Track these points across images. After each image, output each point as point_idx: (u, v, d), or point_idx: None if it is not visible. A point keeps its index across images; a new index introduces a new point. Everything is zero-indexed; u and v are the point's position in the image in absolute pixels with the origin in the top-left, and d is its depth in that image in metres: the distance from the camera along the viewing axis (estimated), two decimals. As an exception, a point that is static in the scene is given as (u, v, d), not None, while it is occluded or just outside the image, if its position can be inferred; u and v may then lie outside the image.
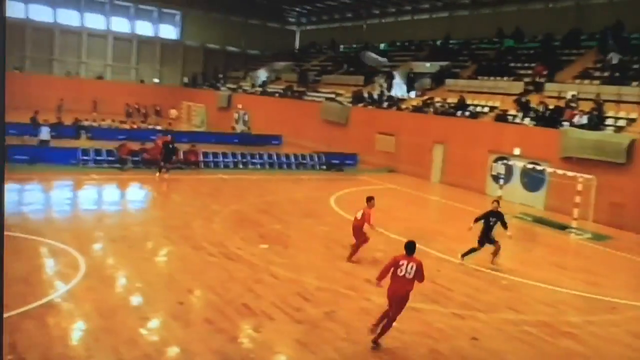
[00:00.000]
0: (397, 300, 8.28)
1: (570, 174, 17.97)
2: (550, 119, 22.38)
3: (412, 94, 32.14)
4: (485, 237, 13.00)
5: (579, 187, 17.38)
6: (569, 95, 23.08)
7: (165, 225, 14.59)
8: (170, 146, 21.43)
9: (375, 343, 8.32)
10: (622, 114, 21.16)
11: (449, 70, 31.78)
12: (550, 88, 24.72)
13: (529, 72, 27.00)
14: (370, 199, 12.69)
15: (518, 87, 26.15)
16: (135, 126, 33.77)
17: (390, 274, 8.36)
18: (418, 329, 9.17)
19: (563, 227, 17.53)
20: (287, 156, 27.23)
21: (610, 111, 21.53)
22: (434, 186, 25.41)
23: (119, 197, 18.76)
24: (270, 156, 26.73)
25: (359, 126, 30.99)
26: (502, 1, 34.47)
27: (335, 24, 50.27)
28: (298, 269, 11.63)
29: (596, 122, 20.93)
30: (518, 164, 20.52)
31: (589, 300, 11.46)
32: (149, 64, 51.21)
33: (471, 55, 32.91)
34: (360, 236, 12.64)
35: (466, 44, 34.76)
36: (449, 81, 30.08)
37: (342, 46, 46.87)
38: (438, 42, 37.11)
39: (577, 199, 17.28)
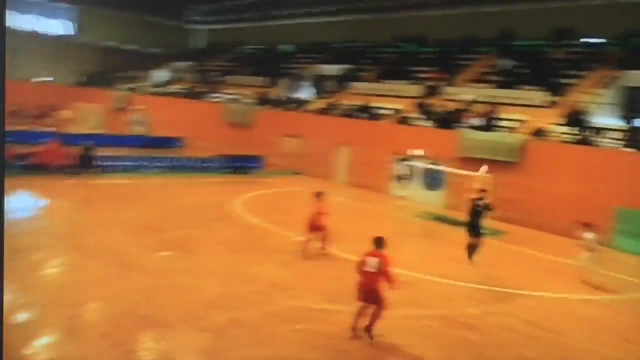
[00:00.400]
0: (368, 295, 8.90)
1: (468, 173, 19.01)
2: (449, 121, 23.61)
3: (318, 96, 32.60)
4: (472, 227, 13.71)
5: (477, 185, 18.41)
6: (466, 98, 24.48)
7: (57, 234, 13.73)
8: (88, 153, 20.43)
9: (370, 332, 8.90)
10: (513, 116, 22.76)
11: (353, 73, 32.59)
12: (449, 91, 26.09)
13: (430, 75, 28.31)
14: (320, 194, 14.08)
15: (419, 90, 27.34)
16: (23, 127, 31.49)
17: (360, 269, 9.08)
18: (324, 330, 9.29)
19: (462, 224, 18.50)
20: (190, 159, 26.60)
21: (503, 113, 23.09)
22: (340, 187, 25.92)
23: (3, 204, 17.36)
24: (171, 159, 25.99)
25: (265, 128, 30.95)
26: (404, 6, 35.89)
27: (240, 24, 49.86)
28: (201, 276, 11.39)
29: (490, 123, 22.38)
30: (419, 165, 21.43)
31: (486, 292, 12.20)
32: (41, 61, 47.95)
33: (375, 59, 33.97)
34: (322, 226, 13.79)
35: (370, 48, 35.82)
36: (353, 84, 30.84)
37: (247, 46, 46.59)
38: (343, 45, 37.93)
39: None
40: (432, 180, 22.14)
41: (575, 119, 20.55)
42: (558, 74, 24.11)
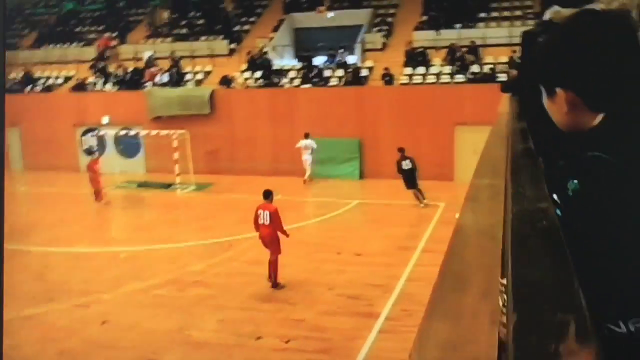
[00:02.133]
0: (269, 244, 9.81)
1: (163, 132, 18.90)
2: (132, 81, 22.87)
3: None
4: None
5: (175, 143, 18.47)
6: (145, 55, 23.93)
7: None
8: None
9: (275, 285, 9.81)
10: (198, 68, 23.26)
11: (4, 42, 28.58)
12: (125, 50, 25.11)
13: (99, 36, 26.69)
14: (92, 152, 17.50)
15: (91, 52, 25.61)
16: None
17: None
18: (38, 336, 8.36)
19: (168, 185, 18.48)
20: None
21: (187, 67, 23.36)
22: (17, 175, 22.94)
23: None
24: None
25: None
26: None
27: None
28: None
29: (177, 79, 22.46)
30: (109, 133, 20.38)
31: (207, 245, 12.51)
32: None
33: (28, 22, 30.34)
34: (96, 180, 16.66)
35: (18, 10, 31.74)
36: (7, 53, 27.10)
37: None
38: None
39: (176, 155, 18.38)
40: (127, 146, 21.34)
41: (256, 63, 22.07)
42: (233, 22, 25.32)
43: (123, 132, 20.38)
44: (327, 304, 9.28)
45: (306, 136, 18.48)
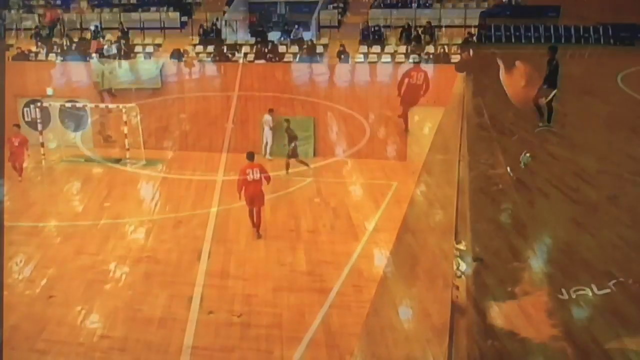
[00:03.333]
0: (256, 198, 11.08)
1: (112, 106, 18.40)
2: (78, 52, 22.08)
3: None
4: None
5: (124, 117, 18.00)
6: (91, 26, 23.12)
7: None
8: None
9: (258, 233, 11.16)
10: (148, 41, 22.62)
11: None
12: (70, 19, 24.17)
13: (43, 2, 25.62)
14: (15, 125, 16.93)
15: (32, 20, 24.54)
16: None
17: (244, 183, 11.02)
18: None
19: (117, 161, 18.06)
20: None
21: (136, 39, 22.69)
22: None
23: None
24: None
25: None
26: None
27: None
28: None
29: (126, 51, 21.78)
30: (54, 105, 19.66)
31: (157, 221, 12.33)
32: None
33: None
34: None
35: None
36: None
37: None
38: None
39: (125, 130, 17.93)
40: (73, 119, 20.62)
41: (208, 37, 21.66)
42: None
43: (69, 105, 19.71)
44: (278, 279, 9.37)
45: (270, 111, 18.57)
